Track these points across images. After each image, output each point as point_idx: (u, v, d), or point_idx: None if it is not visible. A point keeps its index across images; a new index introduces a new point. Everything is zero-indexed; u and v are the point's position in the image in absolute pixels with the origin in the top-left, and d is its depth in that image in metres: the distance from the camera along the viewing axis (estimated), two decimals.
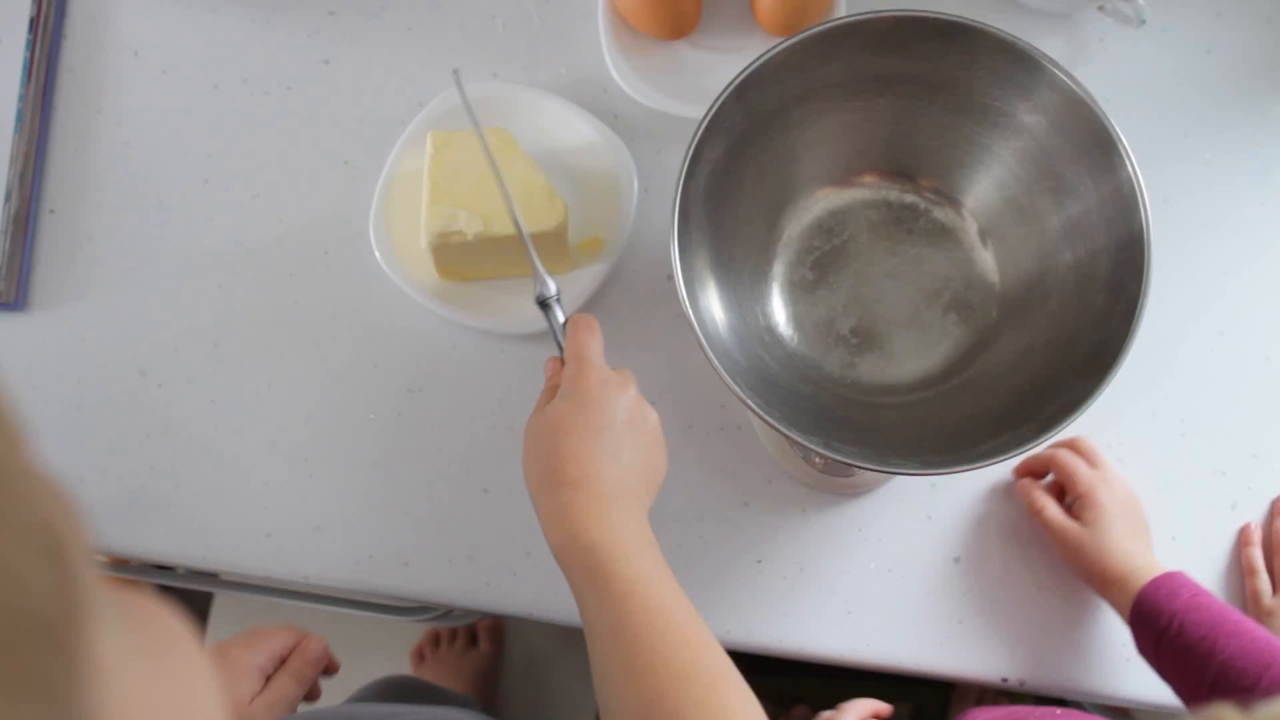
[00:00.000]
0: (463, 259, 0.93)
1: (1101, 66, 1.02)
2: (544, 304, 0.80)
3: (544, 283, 0.80)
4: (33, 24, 1.04)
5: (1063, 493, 0.92)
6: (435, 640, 1.62)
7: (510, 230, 0.90)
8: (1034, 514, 0.92)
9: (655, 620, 0.63)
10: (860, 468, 0.76)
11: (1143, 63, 1.02)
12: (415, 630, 1.63)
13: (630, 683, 0.62)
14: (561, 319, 0.80)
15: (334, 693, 0.97)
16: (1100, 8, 0.99)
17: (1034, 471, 0.95)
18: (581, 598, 0.66)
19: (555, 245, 0.92)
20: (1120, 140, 0.78)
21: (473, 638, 1.63)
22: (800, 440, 0.75)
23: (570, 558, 0.67)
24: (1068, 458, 0.92)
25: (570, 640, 0.97)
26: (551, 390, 0.75)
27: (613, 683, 0.63)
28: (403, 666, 1.60)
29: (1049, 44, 1.01)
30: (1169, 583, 0.83)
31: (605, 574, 0.65)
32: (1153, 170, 0.80)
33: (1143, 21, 0.98)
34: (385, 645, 1.61)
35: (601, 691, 0.64)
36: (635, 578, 0.65)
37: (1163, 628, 0.81)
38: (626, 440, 0.72)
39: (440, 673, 1.59)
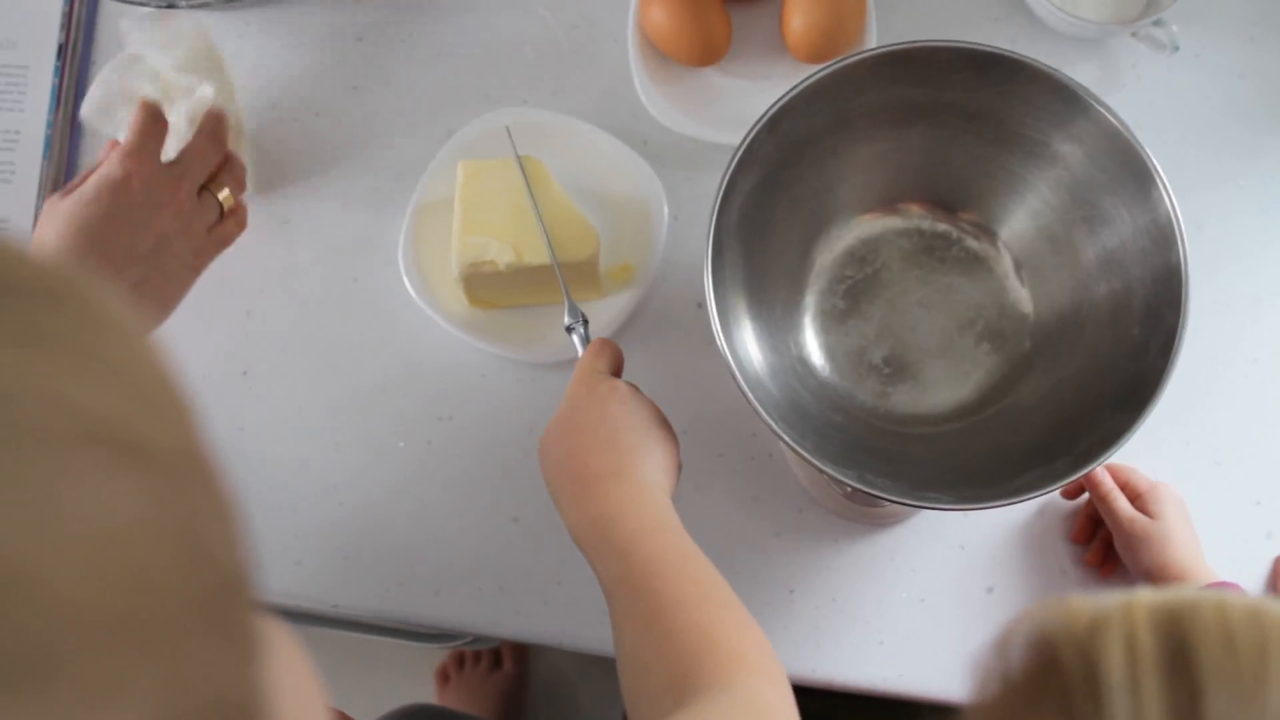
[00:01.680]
0: (493, 288, 0.92)
1: (1134, 92, 1.01)
2: (571, 331, 0.86)
3: (574, 313, 0.86)
4: (61, 51, 1.04)
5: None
6: (460, 661, 1.62)
7: (541, 260, 0.90)
8: (1101, 500, 0.90)
9: (659, 563, 0.68)
10: (895, 502, 0.75)
11: (1176, 88, 1.02)
12: (440, 654, 1.62)
13: (636, 618, 0.66)
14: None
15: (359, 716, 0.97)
16: (1133, 34, 0.98)
17: (1082, 489, 0.94)
18: (597, 568, 0.70)
19: (587, 274, 0.92)
20: (1158, 172, 0.78)
21: (497, 659, 1.62)
22: (834, 474, 0.75)
23: (586, 538, 0.71)
24: (1123, 466, 0.92)
25: (595, 662, 0.96)
26: None
27: (621, 628, 0.67)
28: (428, 688, 1.60)
29: (1081, 70, 1.00)
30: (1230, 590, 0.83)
31: (606, 534, 0.70)
32: (1186, 197, 0.79)
33: (1176, 47, 0.97)
34: (410, 667, 1.61)
35: (616, 642, 0.67)
36: (636, 530, 0.69)
37: None
38: (624, 433, 0.74)
39: (464, 694, 1.59)
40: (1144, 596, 0.40)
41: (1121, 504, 0.89)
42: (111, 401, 0.28)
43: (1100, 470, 0.92)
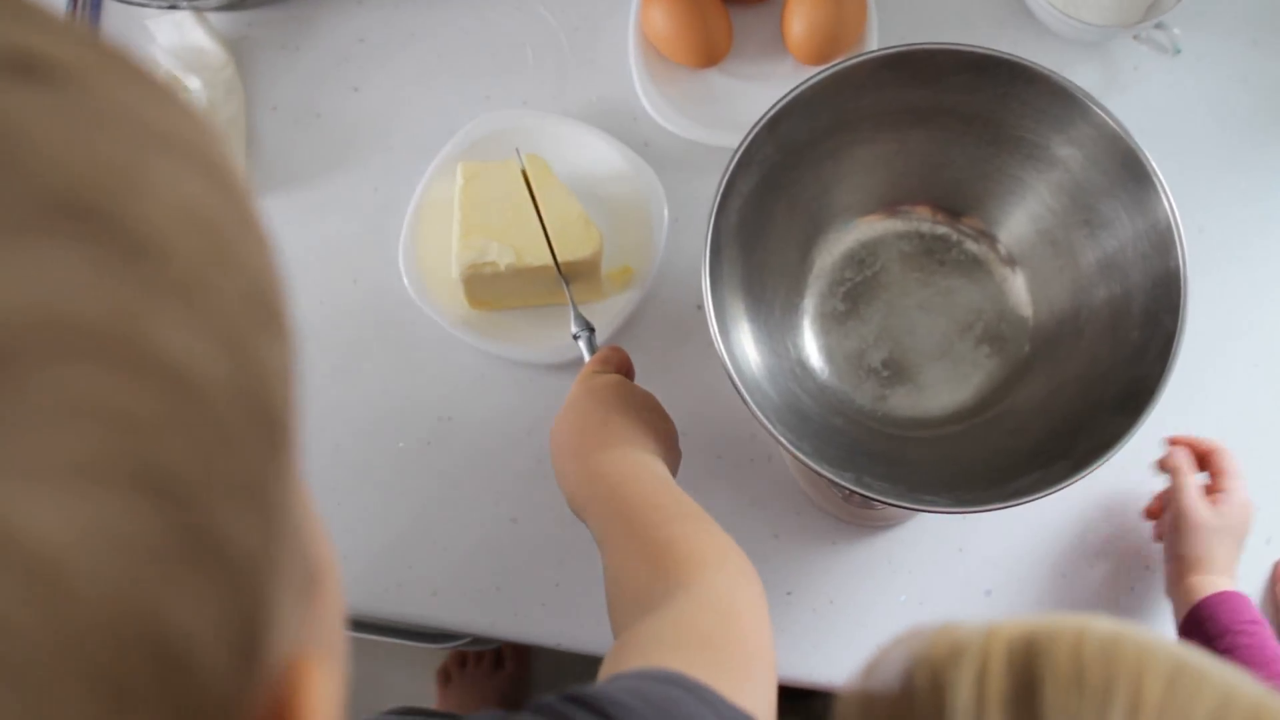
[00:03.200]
0: (493, 290, 0.92)
1: (1136, 95, 1.01)
2: (578, 339, 0.88)
3: (580, 322, 0.88)
4: None
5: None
6: (461, 661, 1.62)
7: (541, 261, 0.90)
8: (1173, 471, 0.89)
9: (637, 497, 0.71)
10: (893, 505, 0.75)
11: (1177, 92, 1.01)
12: (441, 655, 1.62)
13: (614, 548, 0.69)
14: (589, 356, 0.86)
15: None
16: (1135, 36, 0.98)
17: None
18: (590, 523, 0.73)
19: (589, 274, 0.92)
20: (1157, 176, 0.77)
21: (499, 659, 1.62)
22: (832, 477, 0.75)
23: (580, 499, 0.74)
24: (1219, 445, 0.91)
25: (597, 663, 0.96)
26: None
27: (606, 565, 0.70)
28: (429, 689, 1.60)
29: (1082, 72, 1.00)
30: (1236, 600, 0.83)
31: (594, 489, 0.73)
32: (1186, 200, 0.79)
33: (1177, 50, 0.97)
34: (411, 667, 1.61)
35: (604, 580, 0.70)
36: (620, 479, 0.72)
37: (1213, 637, 0.81)
38: (615, 413, 0.78)
39: (466, 694, 1.59)
40: (1007, 625, 0.39)
41: (1192, 486, 0.88)
42: (190, 129, 0.28)
43: (1182, 450, 0.91)
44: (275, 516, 0.27)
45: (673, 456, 0.80)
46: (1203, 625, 0.82)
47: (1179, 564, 0.87)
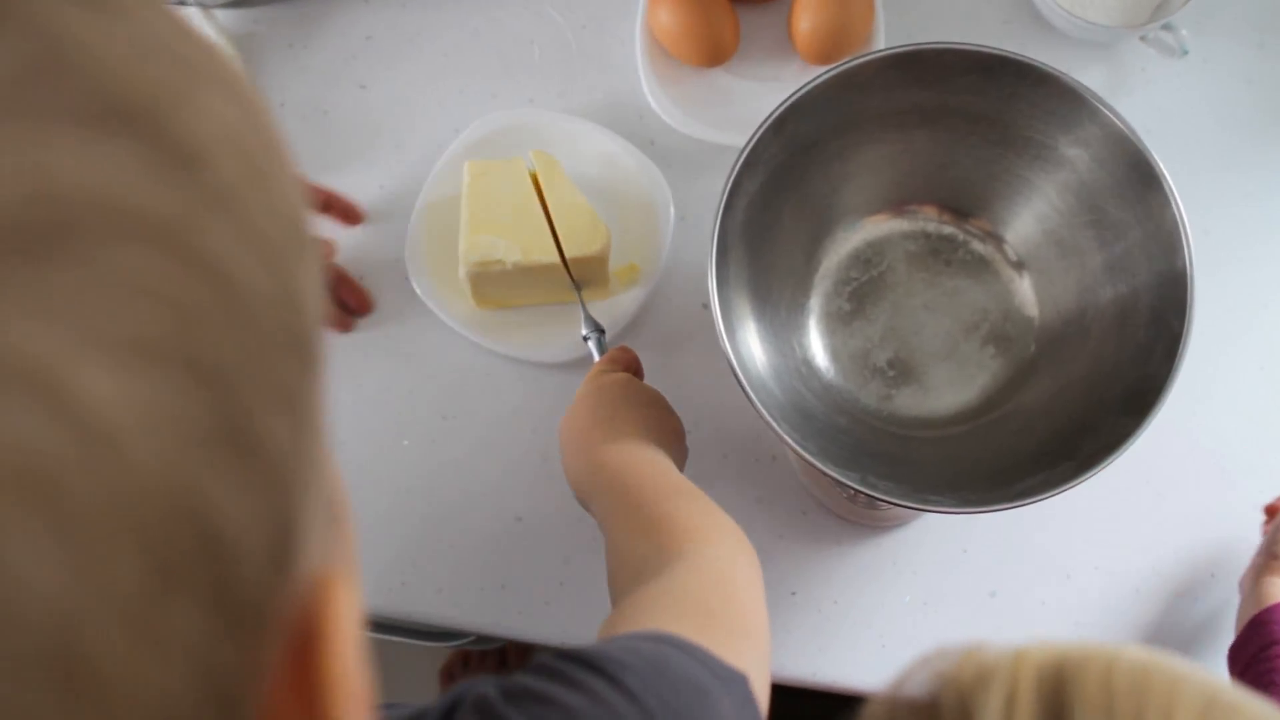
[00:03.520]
0: (500, 288, 0.92)
1: (1142, 97, 1.01)
2: (588, 340, 0.91)
3: (590, 323, 0.91)
4: None
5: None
6: (465, 660, 1.62)
7: (548, 259, 0.90)
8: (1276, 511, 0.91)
9: (637, 482, 0.72)
10: (898, 505, 0.75)
11: (1184, 93, 1.01)
12: (445, 652, 1.62)
13: (615, 530, 0.71)
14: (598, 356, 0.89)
15: None
16: (1142, 38, 0.98)
17: None
18: (594, 509, 0.75)
19: (597, 270, 0.92)
20: (1164, 176, 0.77)
21: (503, 658, 1.62)
22: (837, 476, 0.74)
23: (585, 488, 0.76)
24: None
25: None
26: None
27: (607, 548, 0.71)
28: (432, 688, 1.60)
29: (1090, 74, 1.00)
30: None
31: (598, 477, 0.75)
32: (1193, 202, 0.79)
33: (1185, 52, 0.97)
34: (415, 667, 1.61)
35: (606, 554, 0.72)
36: (622, 466, 0.74)
37: (1261, 646, 0.80)
38: (622, 408, 0.80)
39: None
40: (1035, 651, 0.39)
41: None
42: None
43: None
44: (308, 428, 0.28)
45: (679, 452, 0.81)
46: (1261, 629, 0.81)
47: (1271, 561, 0.86)
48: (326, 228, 0.98)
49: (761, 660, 0.62)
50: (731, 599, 0.64)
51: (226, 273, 0.25)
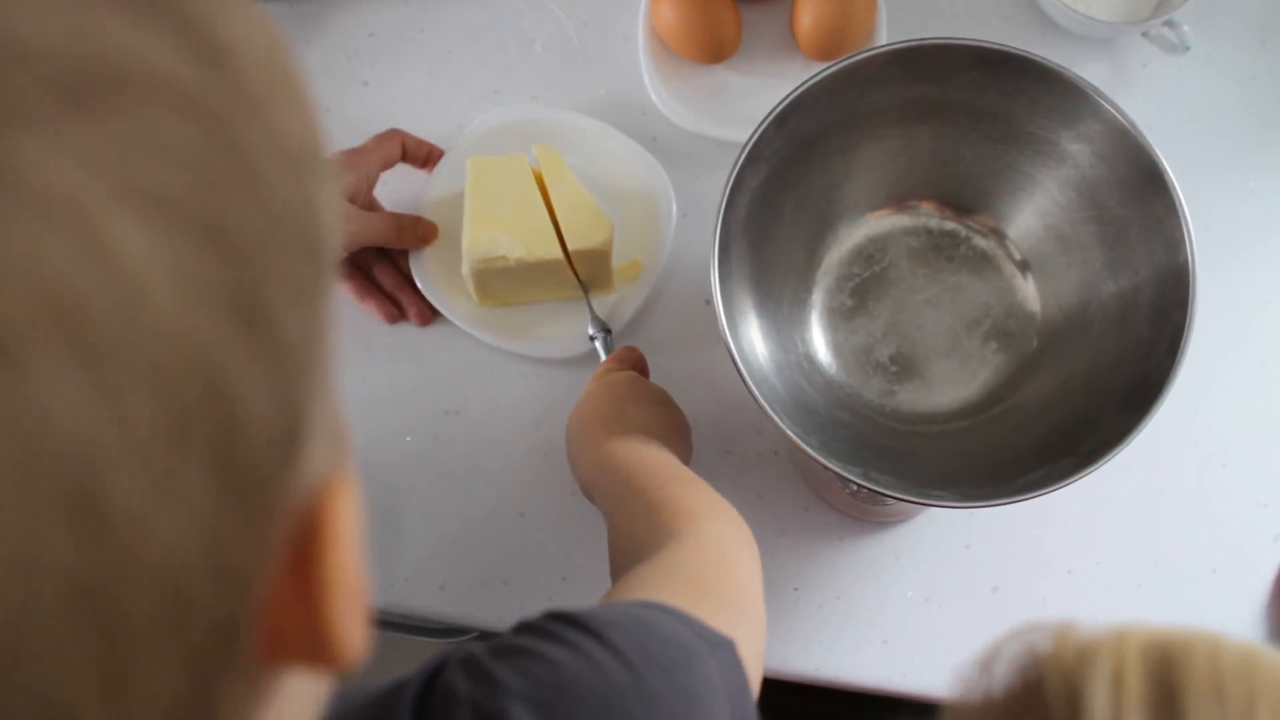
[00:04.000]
0: (502, 284, 0.93)
1: (1144, 93, 1.01)
2: (594, 340, 0.93)
3: (597, 323, 0.93)
4: None
5: None
6: None
7: (551, 254, 0.90)
8: None
9: (639, 470, 0.74)
10: (900, 500, 0.75)
11: (1186, 89, 1.01)
12: (447, 647, 1.62)
13: (618, 516, 0.72)
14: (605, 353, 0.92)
15: None
16: (1144, 34, 0.98)
17: None
18: (600, 499, 0.76)
19: (600, 265, 0.92)
20: (1166, 171, 0.77)
21: None
22: (838, 470, 0.75)
23: (592, 480, 0.78)
24: None
25: None
26: None
27: (610, 535, 0.73)
28: None
29: (1092, 70, 1.00)
30: None
31: (603, 467, 0.76)
32: (1195, 197, 0.79)
33: (1187, 48, 0.97)
34: (417, 664, 1.61)
35: (609, 540, 0.73)
36: (626, 457, 0.75)
37: None
38: (629, 405, 0.81)
39: None
40: (1137, 632, 0.39)
41: None
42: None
43: None
44: (318, 332, 0.29)
45: (685, 448, 0.83)
46: None
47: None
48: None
49: (753, 633, 0.62)
50: (725, 575, 0.65)
51: (254, 162, 0.26)
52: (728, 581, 0.65)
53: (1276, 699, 0.36)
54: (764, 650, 0.64)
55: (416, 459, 0.96)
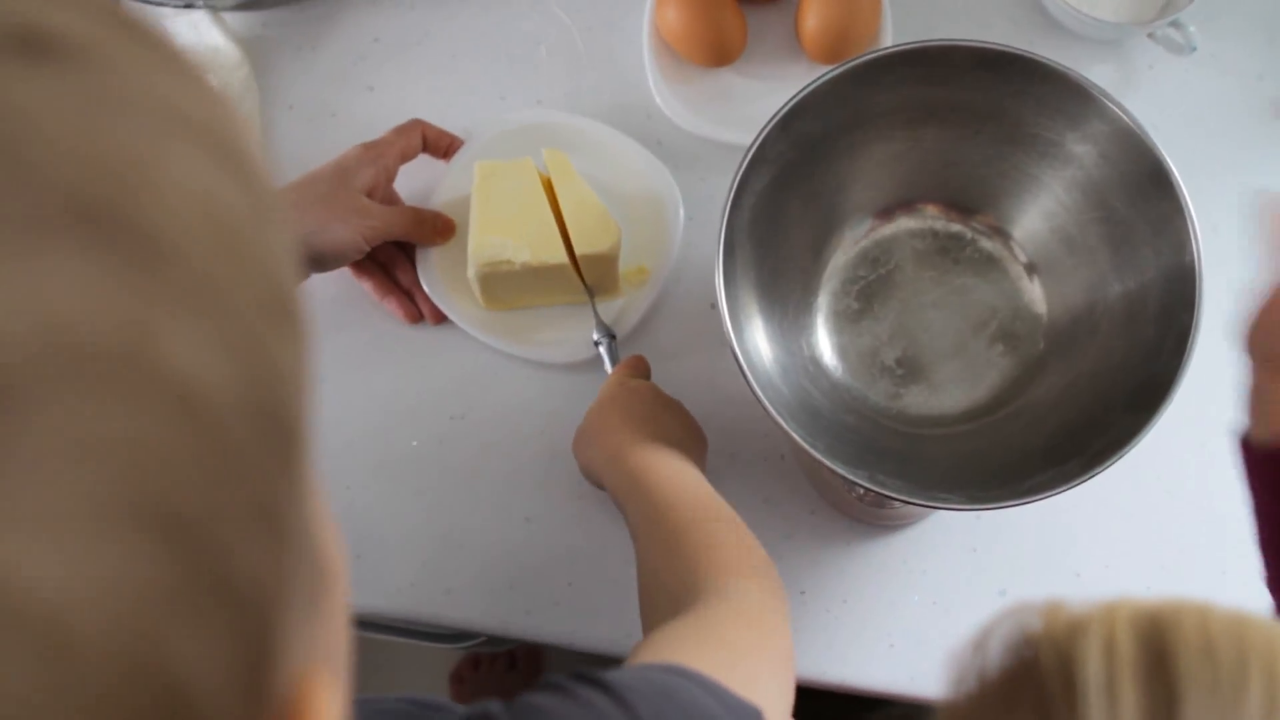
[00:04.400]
0: (509, 288, 0.93)
1: (1150, 93, 1.01)
2: (599, 345, 0.93)
3: (602, 329, 0.93)
4: None
5: None
6: (475, 663, 1.62)
7: (557, 259, 0.90)
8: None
9: (676, 498, 0.74)
10: (906, 502, 0.75)
11: (1193, 89, 1.01)
12: (454, 656, 1.62)
13: (652, 545, 0.72)
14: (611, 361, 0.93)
15: None
16: (1150, 34, 0.98)
17: None
18: (628, 512, 0.76)
19: (607, 270, 0.92)
20: (1172, 171, 0.77)
21: (512, 661, 1.62)
22: (844, 473, 0.74)
23: (621, 490, 0.78)
24: None
25: (610, 663, 0.96)
26: None
27: (641, 559, 0.73)
28: (442, 691, 1.60)
29: (1097, 71, 1.00)
30: None
31: (635, 482, 0.76)
32: (1202, 198, 0.78)
33: (1193, 48, 0.97)
34: (425, 670, 1.61)
35: (639, 572, 0.74)
36: (659, 478, 0.76)
37: None
38: (659, 411, 0.83)
39: (479, 696, 1.57)
40: (1125, 603, 0.40)
41: None
42: (210, 113, 0.27)
43: None
44: (288, 536, 0.26)
45: (703, 461, 0.84)
46: None
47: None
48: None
49: (782, 702, 0.62)
50: (762, 640, 0.65)
51: (191, 392, 0.23)
52: (764, 647, 0.65)
53: (1267, 656, 0.37)
54: (791, 715, 0.65)
55: (423, 463, 0.96)
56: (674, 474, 0.77)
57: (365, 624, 1.37)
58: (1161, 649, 0.37)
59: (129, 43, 0.26)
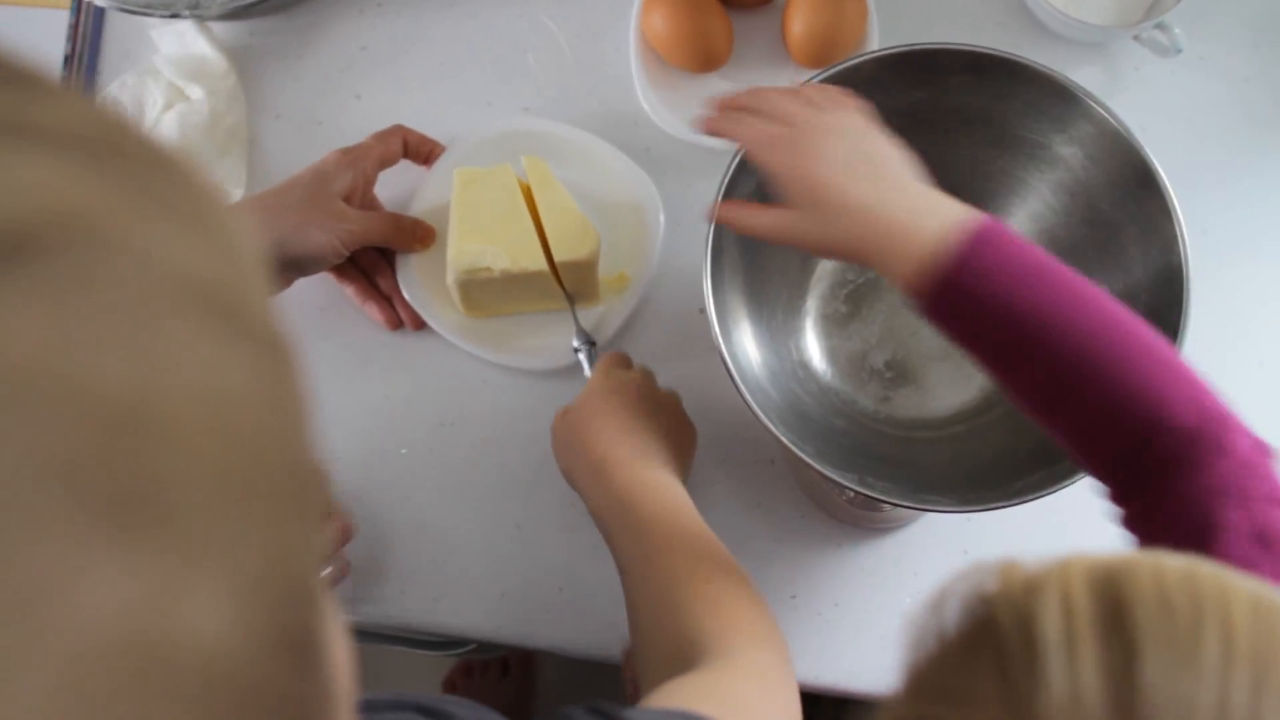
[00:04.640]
0: (488, 295, 0.92)
1: (1137, 96, 1.01)
2: (579, 352, 0.93)
3: (582, 335, 0.93)
4: (67, 61, 1.04)
5: None
6: (467, 671, 1.62)
7: (537, 266, 0.90)
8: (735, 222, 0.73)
9: (672, 542, 0.73)
10: (896, 505, 0.75)
11: (1179, 92, 1.01)
12: (447, 663, 1.62)
13: (650, 591, 0.72)
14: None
15: None
16: (1136, 37, 0.98)
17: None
18: (614, 546, 0.76)
19: (586, 276, 0.92)
20: (1159, 173, 0.77)
21: (505, 668, 1.62)
22: (834, 477, 0.74)
23: (606, 518, 0.77)
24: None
25: (601, 670, 0.96)
26: None
27: (635, 602, 0.73)
28: None
29: (1084, 73, 1.00)
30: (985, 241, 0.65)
31: (624, 516, 0.75)
32: (1190, 200, 0.79)
33: (1179, 50, 0.97)
34: (418, 678, 1.61)
35: (630, 613, 0.73)
36: (652, 513, 0.75)
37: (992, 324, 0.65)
38: (640, 415, 0.81)
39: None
40: (1079, 559, 0.40)
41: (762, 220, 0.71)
42: (217, 268, 0.27)
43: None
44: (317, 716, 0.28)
45: (690, 461, 0.84)
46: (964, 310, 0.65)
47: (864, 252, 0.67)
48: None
49: None
50: (770, 703, 0.66)
51: (213, 675, 0.23)
52: (774, 704, 0.66)
53: (1220, 606, 0.37)
54: None
55: (412, 471, 0.96)
56: (666, 506, 0.76)
57: (357, 633, 1.37)
58: (1118, 603, 0.37)
59: (118, 194, 0.25)
